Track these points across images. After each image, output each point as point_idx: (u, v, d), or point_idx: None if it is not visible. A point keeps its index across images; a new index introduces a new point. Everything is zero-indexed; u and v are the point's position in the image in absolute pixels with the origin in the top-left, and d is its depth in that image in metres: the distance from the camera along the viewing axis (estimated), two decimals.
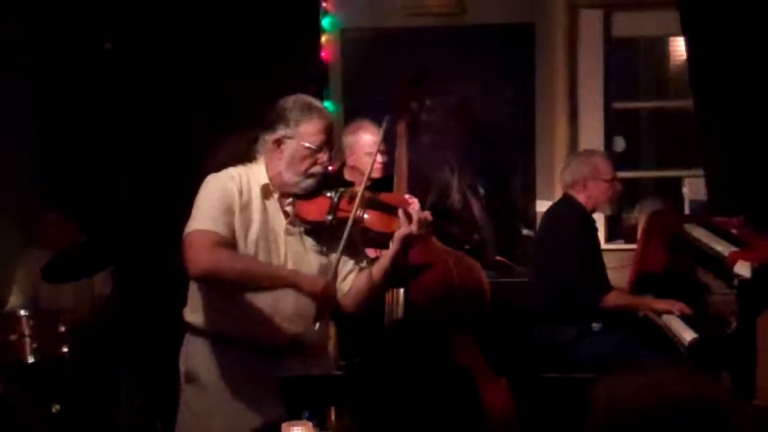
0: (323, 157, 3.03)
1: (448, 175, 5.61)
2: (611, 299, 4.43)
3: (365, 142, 4.40)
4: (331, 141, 3.06)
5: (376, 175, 4.26)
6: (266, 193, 3.05)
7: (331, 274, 3.01)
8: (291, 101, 3.06)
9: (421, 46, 5.62)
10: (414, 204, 3.36)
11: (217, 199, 2.96)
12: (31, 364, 4.58)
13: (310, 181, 3.03)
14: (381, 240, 3.21)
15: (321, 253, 3.09)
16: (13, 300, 5.21)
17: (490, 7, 5.71)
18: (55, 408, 4.53)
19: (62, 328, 4.68)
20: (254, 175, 3.06)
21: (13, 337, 4.57)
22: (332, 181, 3.12)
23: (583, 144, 5.73)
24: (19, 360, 4.59)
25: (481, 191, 5.69)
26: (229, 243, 2.95)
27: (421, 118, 4.46)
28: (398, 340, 3.91)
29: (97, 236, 5.21)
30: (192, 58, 5.57)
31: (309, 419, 2.54)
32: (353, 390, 2.77)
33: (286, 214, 3.06)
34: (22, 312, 4.67)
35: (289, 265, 3.04)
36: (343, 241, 2.94)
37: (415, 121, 4.43)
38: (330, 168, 4.23)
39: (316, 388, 2.77)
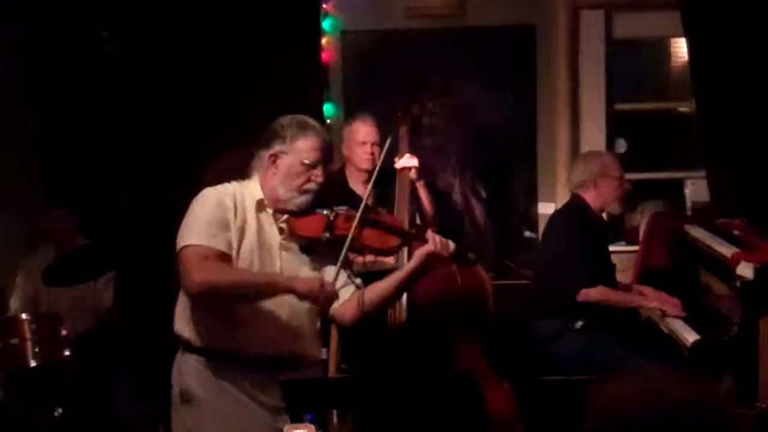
0: (318, 173, 3.03)
1: (450, 178, 5.61)
2: (598, 291, 4.39)
3: (361, 132, 4.48)
4: (326, 158, 3.06)
5: (368, 166, 4.35)
6: (261, 207, 3.05)
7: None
8: (287, 119, 3.08)
9: (422, 48, 5.61)
10: None
11: (213, 213, 2.96)
12: (33, 367, 4.57)
13: (304, 198, 3.04)
14: (376, 255, 3.21)
15: (315, 269, 3.08)
16: (14, 302, 5.21)
17: (491, 9, 5.70)
18: (58, 412, 4.51)
19: (64, 332, 4.67)
20: (249, 191, 3.06)
21: (14, 340, 4.55)
22: (327, 201, 3.10)
23: (585, 145, 5.72)
24: (21, 364, 4.57)
25: (483, 194, 5.68)
26: (225, 257, 2.94)
27: (423, 121, 4.47)
28: (401, 343, 3.91)
29: (98, 239, 5.21)
30: (192, 60, 5.57)
31: (311, 422, 2.54)
32: (355, 393, 2.76)
33: (280, 230, 3.06)
34: (24, 316, 4.66)
35: None
36: (340, 261, 2.93)
37: (416, 124, 4.44)
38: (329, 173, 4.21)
39: (319, 392, 2.77)
